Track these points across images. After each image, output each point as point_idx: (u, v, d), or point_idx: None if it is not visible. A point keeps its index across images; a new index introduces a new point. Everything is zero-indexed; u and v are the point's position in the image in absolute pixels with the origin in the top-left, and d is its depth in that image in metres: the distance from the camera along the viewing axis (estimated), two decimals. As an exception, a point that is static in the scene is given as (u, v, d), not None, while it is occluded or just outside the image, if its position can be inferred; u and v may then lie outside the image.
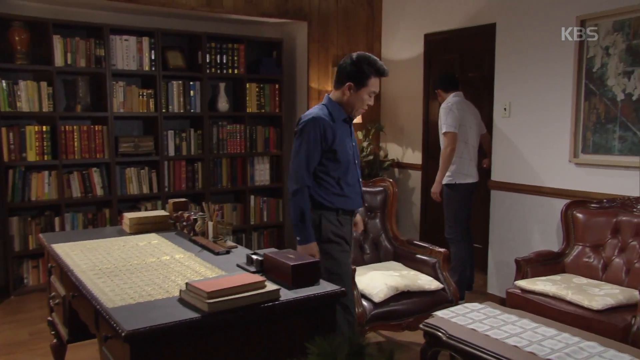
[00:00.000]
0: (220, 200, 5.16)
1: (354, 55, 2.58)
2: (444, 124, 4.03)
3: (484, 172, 4.37)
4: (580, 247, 3.43)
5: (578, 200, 3.52)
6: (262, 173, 5.26)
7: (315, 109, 2.62)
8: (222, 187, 5.06)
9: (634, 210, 3.23)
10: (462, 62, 4.86)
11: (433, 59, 5.08)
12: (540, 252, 3.43)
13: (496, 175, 4.18)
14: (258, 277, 1.92)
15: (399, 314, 2.97)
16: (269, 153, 5.25)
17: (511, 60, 4.02)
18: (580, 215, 3.45)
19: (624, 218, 3.25)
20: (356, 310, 2.84)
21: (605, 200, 3.39)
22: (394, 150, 5.54)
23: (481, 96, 4.63)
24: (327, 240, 2.61)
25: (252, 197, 5.21)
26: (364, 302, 2.93)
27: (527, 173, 3.94)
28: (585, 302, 2.88)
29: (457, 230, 4.13)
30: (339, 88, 2.60)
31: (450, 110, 4.04)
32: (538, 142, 3.86)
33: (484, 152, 4.35)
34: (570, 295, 2.96)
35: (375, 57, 2.59)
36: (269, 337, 1.88)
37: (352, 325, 2.63)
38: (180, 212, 2.94)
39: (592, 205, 3.43)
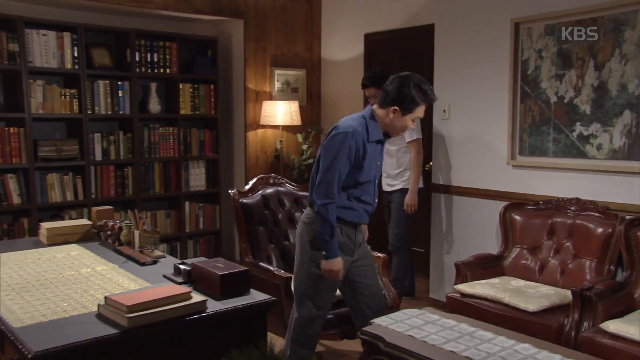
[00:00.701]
0: (153, 207, 5.03)
1: (404, 76, 2.54)
2: (407, 132, 3.55)
3: (425, 175, 4.45)
4: (519, 249, 3.55)
5: (516, 203, 3.64)
6: (197, 178, 5.17)
7: (355, 121, 2.56)
8: (154, 193, 4.93)
9: (568, 211, 3.38)
10: (403, 63, 4.93)
11: (373, 59, 5.14)
12: (480, 256, 3.53)
13: (436, 178, 4.28)
14: (183, 289, 1.88)
15: (337, 320, 2.97)
16: (205, 157, 5.16)
17: (450, 61, 4.12)
18: (517, 218, 3.57)
19: (559, 219, 3.39)
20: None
21: (541, 202, 3.53)
22: (335, 153, 5.56)
23: (421, 98, 4.71)
24: (317, 247, 2.58)
25: (187, 203, 5.11)
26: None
27: (466, 175, 4.05)
28: (522, 305, 2.98)
29: (405, 237, 4.16)
30: (384, 108, 2.56)
31: None
32: (477, 144, 3.97)
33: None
34: (507, 298, 3.06)
35: (426, 83, 2.55)
36: (197, 351, 1.84)
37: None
38: (104, 221, 2.84)
39: (529, 207, 3.57)
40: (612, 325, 2.61)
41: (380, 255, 3.28)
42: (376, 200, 2.73)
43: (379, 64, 5.11)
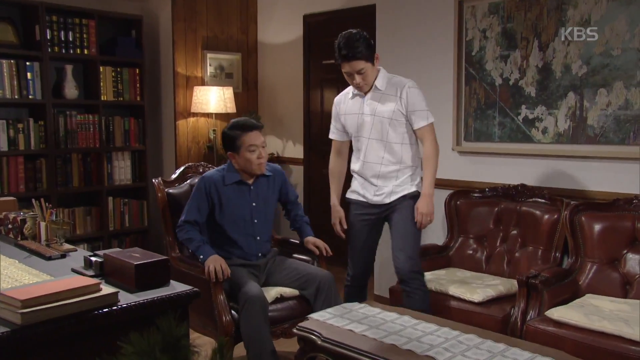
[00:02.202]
0: (71, 203, 4.81)
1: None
2: (425, 110, 2.99)
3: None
4: (464, 238, 3.59)
5: (461, 190, 3.68)
6: (122, 171, 4.98)
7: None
8: (72, 188, 4.72)
9: (514, 198, 3.44)
10: (344, 47, 4.92)
11: (313, 42, 5.11)
12: (426, 247, 3.54)
13: (380, 167, 4.27)
14: (90, 280, 1.77)
15: (273, 320, 2.91)
16: (130, 148, 4.99)
17: (392, 43, 4.13)
18: (463, 206, 3.61)
19: (505, 207, 3.45)
20: (223, 319, 2.77)
21: (487, 190, 3.58)
22: (273, 144, 5.51)
23: (364, 83, 4.71)
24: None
25: (111, 199, 4.92)
26: (232, 311, 2.84)
27: (410, 164, 4.06)
28: (467, 295, 3.01)
29: (419, 262, 3.11)
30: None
31: (419, 89, 3.05)
32: (421, 131, 3.99)
33: None
34: (452, 290, 3.08)
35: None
36: (108, 350, 1.73)
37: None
38: (4, 214, 2.67)
39: (475, 195, 3.61)
40: (557, 313, 2.67)
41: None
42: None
43: (319, 47, 5.09)
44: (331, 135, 3.28)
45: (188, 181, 3.39)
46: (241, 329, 2.76)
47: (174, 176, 3.43)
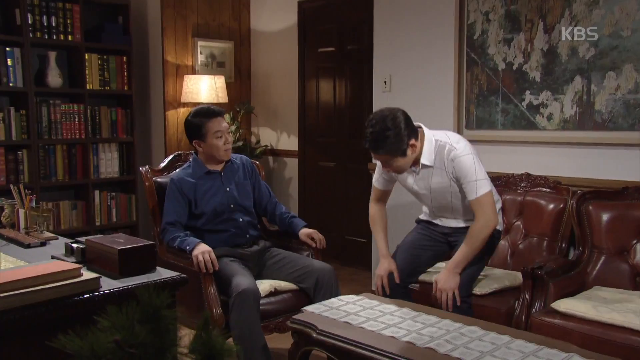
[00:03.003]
0: (55, 197, 4.76)
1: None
2: (474, 180, 2.73)
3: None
4: (466, 231, 3.54)
5: (462, 181, 3.64)
6: (109, 163, 4.94)
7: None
8: (57, 181, 4.67)
9: (518, 188, 3.40)
10: (341, 34, 4.89)
11: (309, 30, 5.07)
12: (424, 239, 3.50)
13: (378, 158, 4.24)
14: (71, 265, 1.73)
15: (266, 314, 2.87)
16: (117, 139, 4.94)
17: (390, 29, 4.09)
18: (464, 197, 3.57)
19: (508, 197, 3.41)
20: (214, 312, 2.73)
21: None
22: (267, 135, 5.47)
23: (361, 71, 4.69)
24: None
25: (97, 192, 4.87)
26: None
27: (410, 154, 4.02)
28: (470, 288, 2.96)
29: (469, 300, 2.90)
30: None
31: (474, 153, 2.80)
32: (421, 118, 3.91)
33: None
34: (453, 282, 3.03)
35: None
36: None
37: None
38: (-18, 201, 2.62)
39: (477, 185, 3.56)
40: (563, 304, 2.62)
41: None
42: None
43: (315, 36, 5.05)
44: (375, 184, 3.13)
45: (177, 170, 3.34)
46: (231, 323, 2.71)
47: (162, 165, 3.38)
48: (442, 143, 2.79)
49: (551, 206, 3.21)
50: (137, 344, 0.83)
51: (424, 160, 2.81)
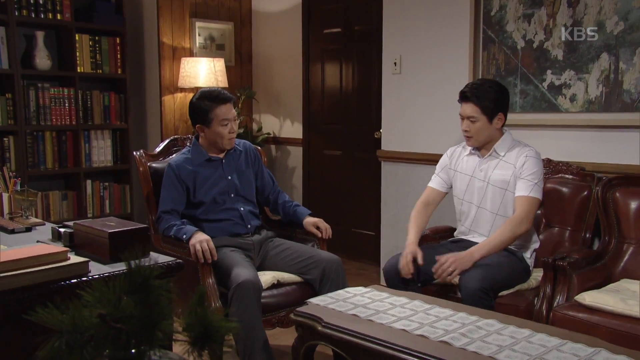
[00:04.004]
0: (45, 186, 4.75)
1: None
2: (533, 182, 2.85)
3: (375, 143, 4.37)
4: (482, 221, 3.49)
5: (478, 168, 3.59)
6: (101, 151, 4.92)
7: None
8: (46, 170, 4.66)
9: (539, 175, 3.35)
10: (347, 14, 4.85)
11: (313, 10, 5.02)
12: (437, 228, 3.45)
13: (386, 144, 4.20)
14: (57, 248, 1.68)
15: (268, 307, 2.84)
16: (110, 126, 4.93)
17: (401, 6, 4.05)
18: (481, 185, 3.52)
19: (528, 184, 3.35)
20: (212, 305, 2.69)
21: (507, 166, 3.49)
22: (269, 122, 5.43)
23: (370, 53, 4.65)
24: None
25: (89, 182, 4.88)
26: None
27: (422, 140, 3.98)
28: (486, 281, 2.91)
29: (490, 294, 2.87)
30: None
31: (539, 159, 2.96)
32: (432, 102, 3.91)
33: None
34: (469, 275, 2.99)
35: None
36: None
37: None
38: (-36, 185, 2.58)
39: (494, 172, 3.52)
40: (589, 297, 2.57)
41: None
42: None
43: (320, 16, 5.00)
44: (430, 183, 3.20)
45: (174, 155, 3.30)
46: (230, 317, 2.67)
47: (158, 149, 3.35)
48: (519, 142, 3.00)
49: (574, 194, 3.15)
50: (124, 318, 0.78)
51: (497, 147, 2.96)
